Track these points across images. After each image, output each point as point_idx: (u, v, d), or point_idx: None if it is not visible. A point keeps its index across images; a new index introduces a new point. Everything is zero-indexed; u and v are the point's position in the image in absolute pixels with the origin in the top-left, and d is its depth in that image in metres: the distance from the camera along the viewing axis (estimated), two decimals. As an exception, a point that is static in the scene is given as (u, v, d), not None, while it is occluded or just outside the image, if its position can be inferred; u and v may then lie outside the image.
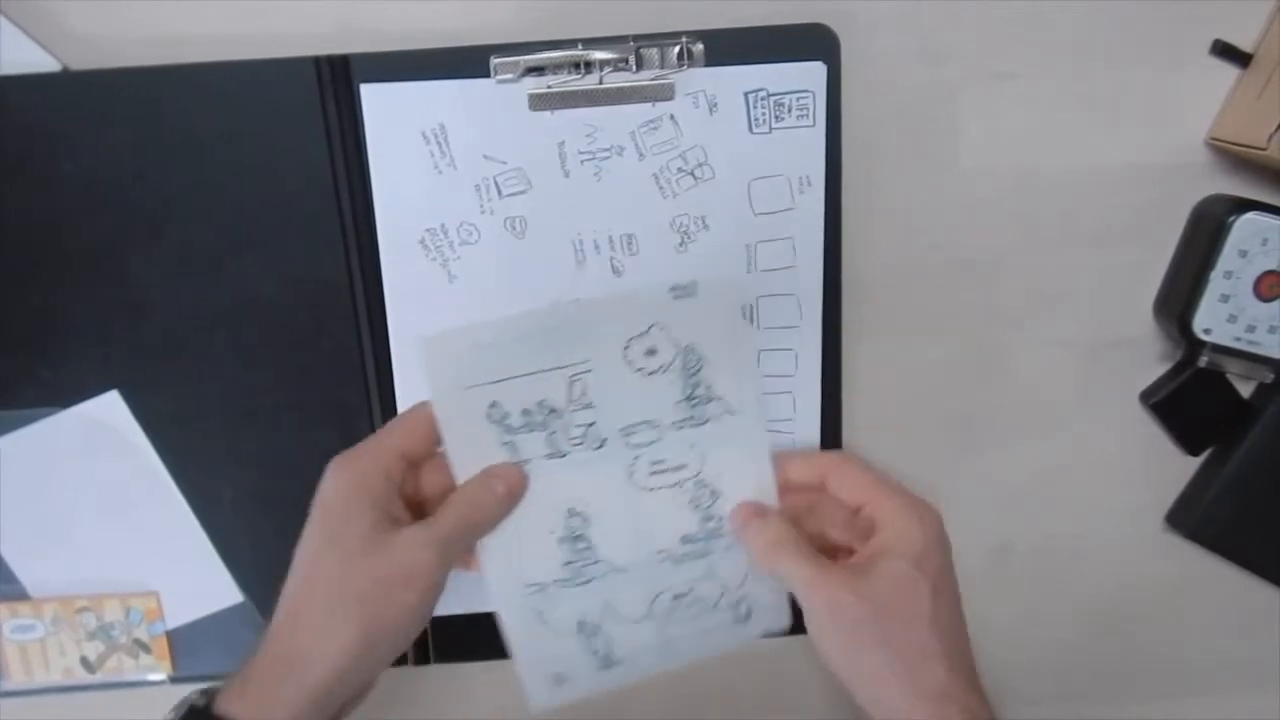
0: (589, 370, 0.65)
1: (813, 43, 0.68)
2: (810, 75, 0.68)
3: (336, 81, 0.67)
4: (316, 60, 0.67)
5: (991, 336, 0.76)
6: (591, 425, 0.66)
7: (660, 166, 0.70)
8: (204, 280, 0.71)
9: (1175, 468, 0.80)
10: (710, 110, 0.69)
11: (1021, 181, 0.73)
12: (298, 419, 0.73)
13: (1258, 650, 0.85)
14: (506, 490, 0.65)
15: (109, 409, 0.72)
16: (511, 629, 0.69)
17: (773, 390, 0.75)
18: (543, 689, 0.71)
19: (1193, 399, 0.76)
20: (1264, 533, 0.79)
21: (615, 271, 0.72)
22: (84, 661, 0.77)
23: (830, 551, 0.65)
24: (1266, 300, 0.71)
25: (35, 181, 0.68)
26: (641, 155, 0.69)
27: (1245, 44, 0.70)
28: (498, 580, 0.68)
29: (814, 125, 0.69)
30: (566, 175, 0.69)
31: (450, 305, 0.71)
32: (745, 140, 0.69)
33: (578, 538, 0.68)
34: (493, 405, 0.65)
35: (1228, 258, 0.70)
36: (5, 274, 0.70)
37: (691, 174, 0.70)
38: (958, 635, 0.63)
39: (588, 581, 0.69)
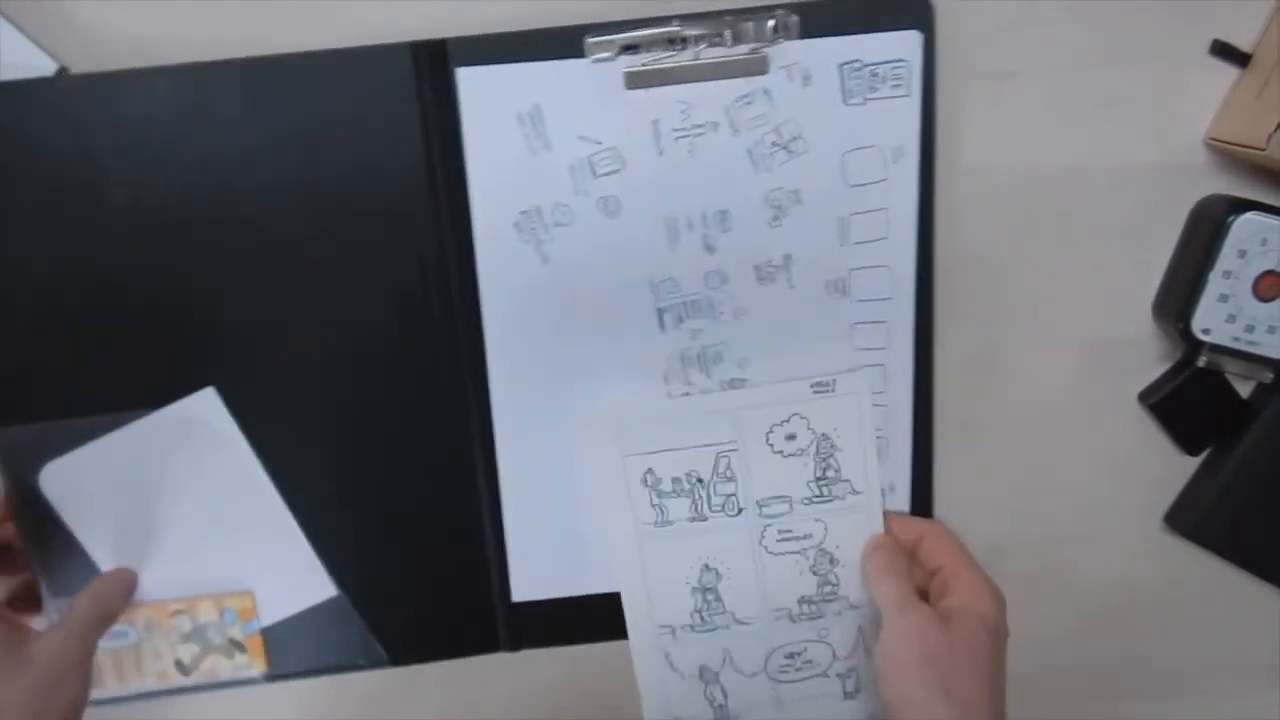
0: (735, 449, 0.74)
1: (908, 11, 0.68)
2: (906, 44, 0.68)
3: (433, 66, 0.67)
4: (413, 45, 0.67)
5: (991, 336, 0.77)
6: (731, 495, 0.75)
7: (754, 141, 0.70)
8: (298, 271, 0.71)
9: (1174, 468, 0.81)
10: (804, 83, 0.68)
11: (1021, 181, 0.73)
12: (392, 407, 0.74)
13: (1258, 650, 0.85)
14: (126, 587, 0.74)
15: (204, 405, 0.72)
16: (641, 668, 0.78)
17: (865, 363, 0.75)
18: None
19: (1192, 399, 0.77)
20: (1263, 533, 0.80)
21: (708, 249, 0.72)
22: (178, 664, 0.77)
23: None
24: (1265, 300, 0.72)
25: (135, 178, 0.69)
26: (735, 130, 0.69)
27: (1244, 44, 0.70)
28: (634, 621, 0.77)
29: (909, 95, 0.69)
30: (660, 153, 0.69)
31: (544, 287, 0.71)
32: (839, 112, 0.69)
33: (708, 590, 0.77)
34: (648, 471, 0.75)
35: (1227, 258, 0.71)
36: (95, 273, 0.70)
37: (785, 148, 0.70)
38: (1002, 707, 0.67)
39: (713, 630, 0.77)
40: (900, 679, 0.67)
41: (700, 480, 0.75)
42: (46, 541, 0.74)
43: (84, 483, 0.73)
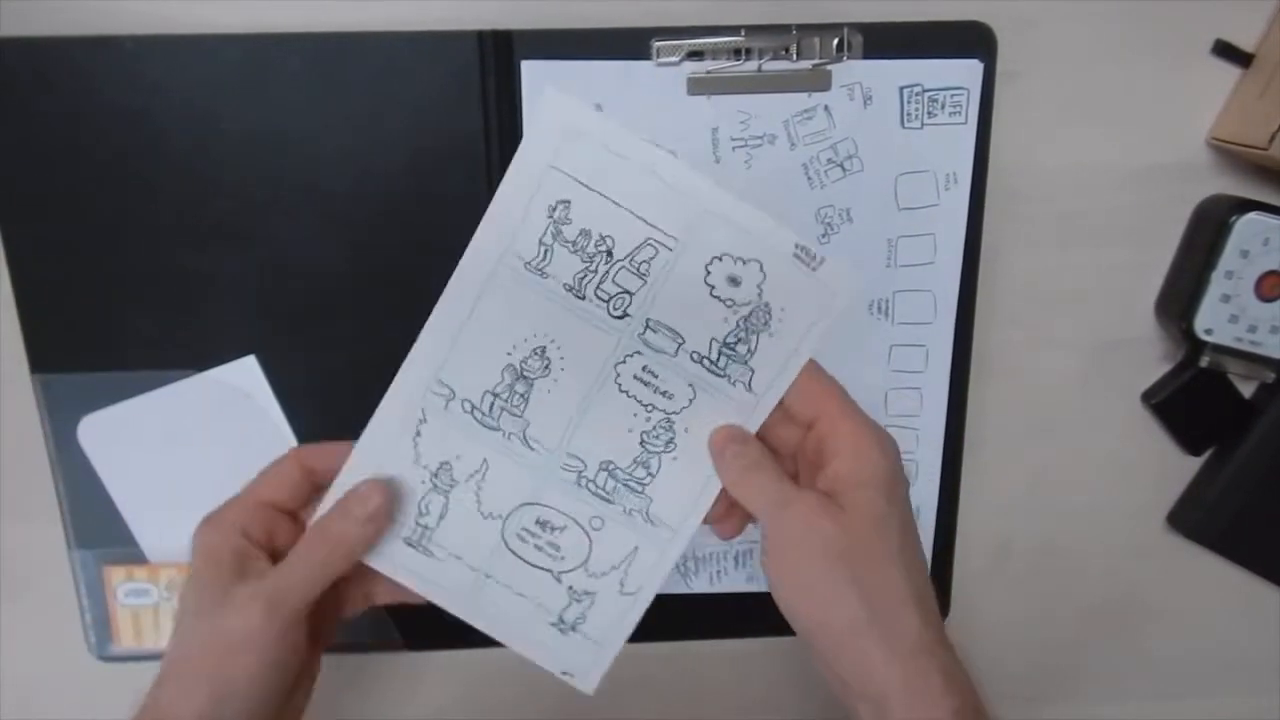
0: (670, 248, 0.59)
1: (972, 41, 0.68)
2: (967, 72, 0.69)
3: (498, 57, 0.68)
4: (480, 34, 0.67)
5: (992, 336, 0.76)
6: (627, 294, 0.60)
7: (810, 157, 0.70)
8: (348, 249, 0.71)
9: (1176, 468, 0.81)
10: (865, 103, 0.69)
11: (1023, 181, 0.73)
12: None
13: (1258, 650, 0.86)
14: (367, 514, 0.60)
15: (245, 374, 0.73)
16: (383, 412, 0.62)
17: (901, 385, 0.75)
18: None
19: (1194, 399, 0.78)
20: (1265, 533, 0.81)
21: None
22: (196, 628, 0.76)
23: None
24: (1268, 300, 0.72)
25: (196, 143, 0.69)
26: (793, 144, 0.70)
27: (1246, 44, 0.71)
28: (414, 360, 0.61)
29: (965, 123, 0.69)
30: (717, 161, 0.69)
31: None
32: (896, 134, 0.69)
33: (523, 378, 0.61)
34: (564, 202, 0.58)
35: (1229, 258, 0.71)
36: (154, 233, 0.71)
37: (841, 165, 0.70)
38: (925, 579, 0.57)
39: (493, 430, 0.61)
40: (803, 590, 0.56)
41: (609, 254, 0.59)
42: (78, 492, 0.75)
43: (120, 437, 0.74)
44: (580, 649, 0.64)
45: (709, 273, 0.59)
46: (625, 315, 0.60)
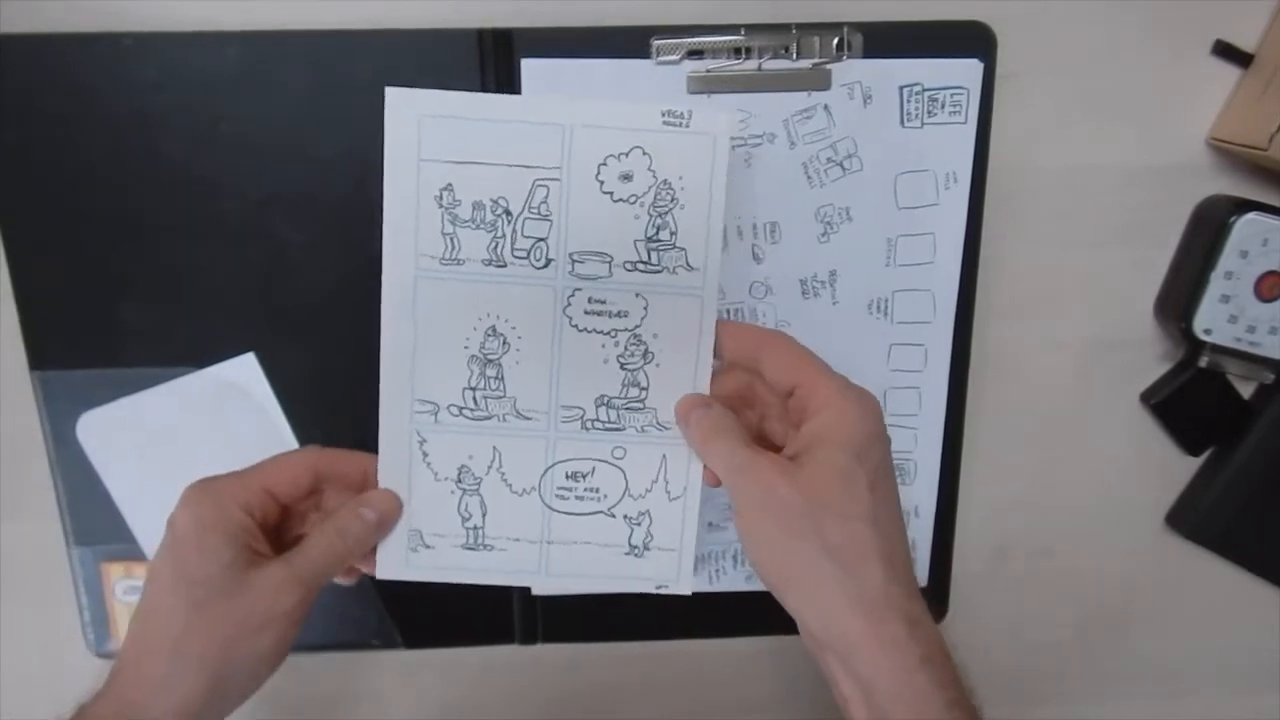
0: (557, 179, 0.60)
1: (972, 41, 0.68)
2: (967, 72, 0.68)
3: (499, 55, 0.67)
4: (480, 33, 0.67)
5: (992, 336, 0.76)
6: (541, 240, 0.61)
7: (810, 156, 0.70)
8: (346, 245, 0.71)
9: (1176, 468, 0.81)
10: (864, 102, 0.69)
11: (1022, 181, 0.73)
12: None
13: (1258, 650, 0.86)
14: (378, 518, 0.62)
15: (244, 370, 0.72)
16: (386, 455, 0.63)
17: (900, 385, 0.74)
18: (397, 549, 0.65)
19: (1193, 399, 0.77)
20: (1264, 533, 0.80)
21: (756, 258, 0.71)
22: (192, 625, 0.76)
23: (769, 449, 0.60)
24: (1267, 301, 0.72)
25: (188, 140, 0.69)
26: (793, 144, 0.69)
27: (1246, 44, 0.71)
28: (387, 391, 0.62)
29: (965, 122, 0.69)
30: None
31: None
32: (896, 134, 0.69)
33: (490, 362, 0.62)
34: (446, 188, 0.60)
35: (1228, 258, 0.71)
36: (153, 230, 0.71)
37: (840, 165, 0.70)
38: (898, 537, 0.57)
39: (486, 418, 0.63)
40: (766, 547, 0.57)
41: (508, 213, 0.60)
42: (76, 489, 0.75)
43: (119, 434, 0.74)
44: (661, 562, 0.66)
45: (601, 181, 0.60)
46: (549, 262, 0.61)
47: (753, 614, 0.78)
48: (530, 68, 0.68)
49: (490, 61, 0.68)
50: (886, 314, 0.73)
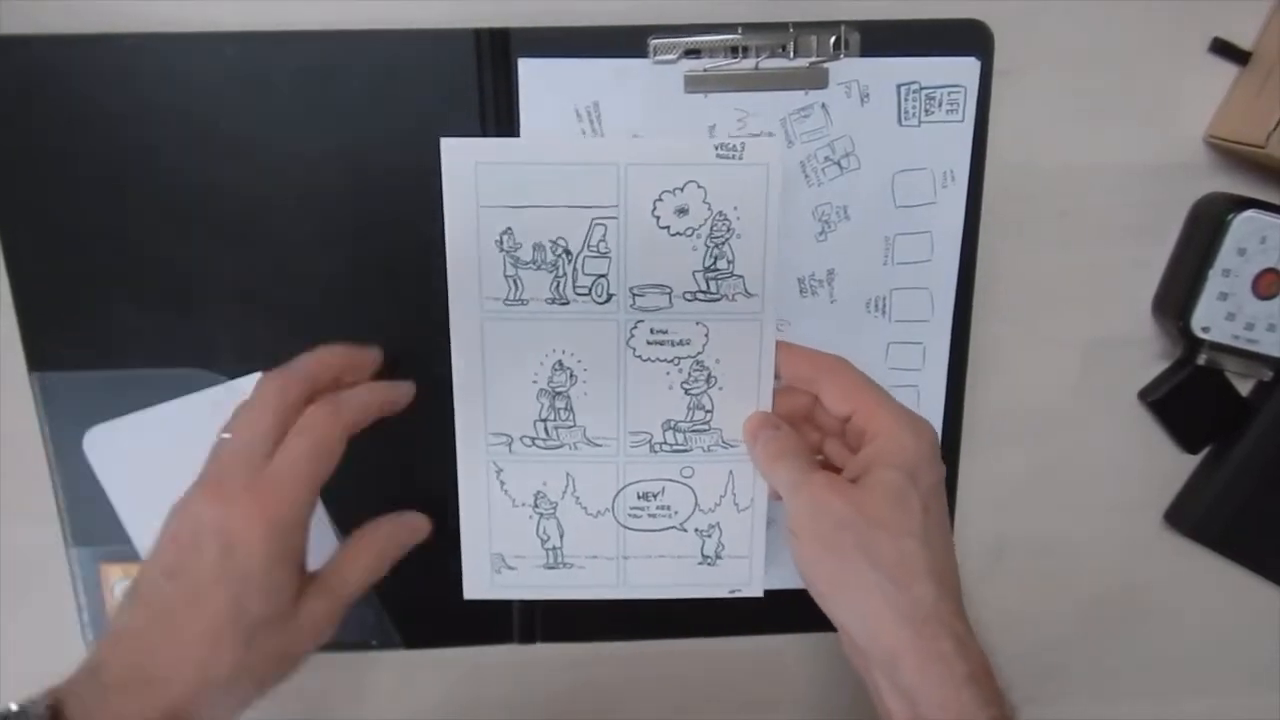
0: (614, 217, 0.62)
1: (969, 39, 0.68)
2: (965, 70, 0.68)
3: (495, 55, 0.67)
4: (477, 33, 0.66)
5: (991, 334, 0.76)
6: (602, 277, 0.64)
7: (808, 154, 0.69)
8: (346, 246, 0.71)
9: (1174, 466, 0.81)
10: (862, 100, 0.68)
11: (1021, 180, 0.73)
12: (423, 396, 0.71)
13: (1258, 650, 0.85)
14: (412, 541, 0.66)
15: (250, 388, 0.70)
16: (465, 486, 0.67)
17: (898, 383, 0.73)
18: (481, 571, 0.69)
19: (1191, 397, 0.77)
20: (1263, 531, 0.80)
21: None
22: (187, 624, 0.75)
23: (829, 470, 0.62)
24: (1265, 298, 0.72)
25: (187, 141, 0.69)
26: (790, 142, 0.69)
27: (1244, 42, 0.70)
28: (463, 425, 0.66)
29: (963, 121, 0.69)
30: None
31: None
32: (894, 132, 0.69)
33: (559, 394, 0.66)
34: (506, 231, 0.63)
35: (1226, 256, 0.71)
36: (152, 231, 0.70)
37: (838, 163, 0.69)
38: (948, 557, 0.60)
39: (558, 446, 0.66)
40: (816, 562, 0.60)
41: (568, 252, 0.63)
42: (80, 503, 0.75)
43: (126, 450, 0.73)
44: (734, 568, 0.70)
45: (658, 216, 0.63)
46: (610, 297, 0.64)
47: (754, 614, 0.77)
48: (528, 67, 0.67)
49: (488, 61, 0.67)
50: (884, 312, 0.73)
